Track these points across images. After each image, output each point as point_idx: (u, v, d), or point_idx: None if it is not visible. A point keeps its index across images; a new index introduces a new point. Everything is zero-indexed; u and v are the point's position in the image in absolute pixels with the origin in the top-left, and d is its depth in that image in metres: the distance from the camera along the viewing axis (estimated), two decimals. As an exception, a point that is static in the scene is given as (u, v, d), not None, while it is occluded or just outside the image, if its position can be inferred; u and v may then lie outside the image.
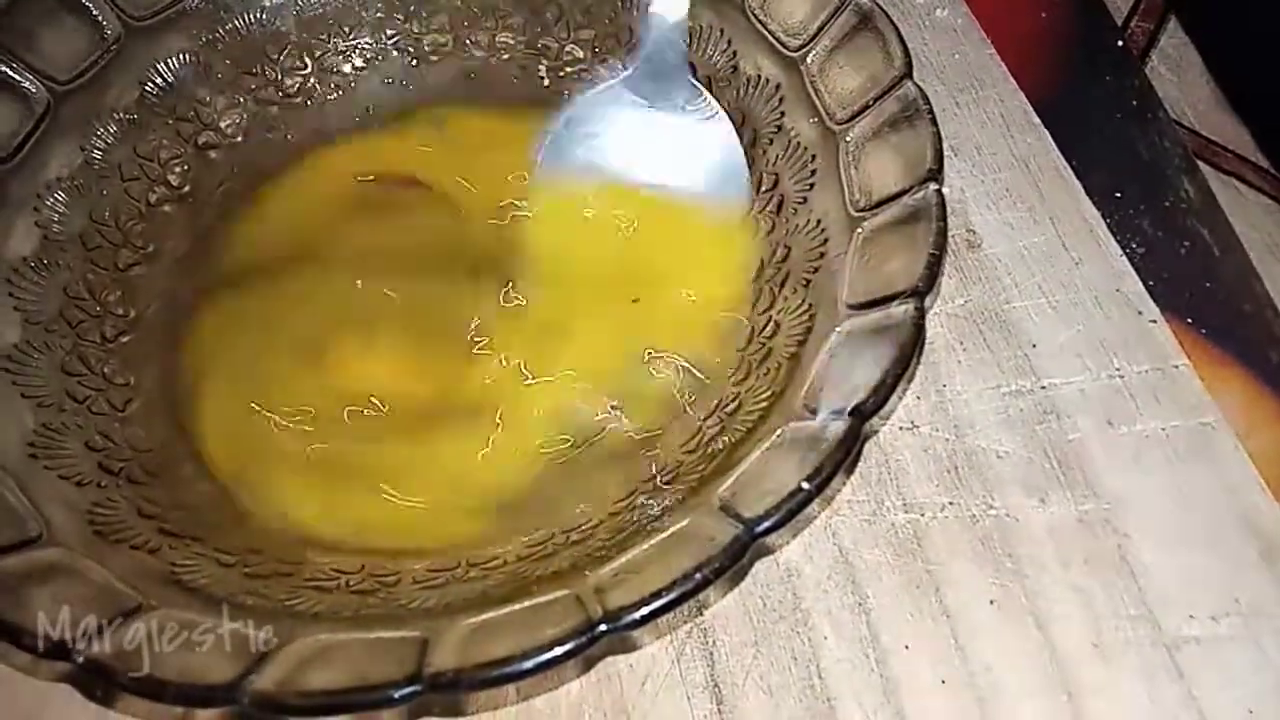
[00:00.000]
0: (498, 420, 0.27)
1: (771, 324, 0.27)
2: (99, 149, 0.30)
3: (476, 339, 0.29)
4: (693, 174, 0.31)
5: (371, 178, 0.32)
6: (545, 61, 0.34)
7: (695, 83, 0.31)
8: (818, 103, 0.28)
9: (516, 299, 0.30)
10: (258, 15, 0.33)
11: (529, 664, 0.18)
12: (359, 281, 0.30)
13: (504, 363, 0.28)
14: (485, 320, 0.29)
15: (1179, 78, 0.38)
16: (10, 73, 0.28)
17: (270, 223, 0.32)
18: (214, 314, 0.29)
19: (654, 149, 0.31)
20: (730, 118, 0.31)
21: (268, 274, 0.30)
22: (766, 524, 0.20)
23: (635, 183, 0.32)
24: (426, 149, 0.33)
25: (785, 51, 0.29)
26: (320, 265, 0.30)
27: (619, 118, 0.31)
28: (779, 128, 0.29)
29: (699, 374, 0.28)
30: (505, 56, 0.34)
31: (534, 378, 0.28)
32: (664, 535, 0.21)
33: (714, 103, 0.31)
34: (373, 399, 0.28)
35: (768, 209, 0.29)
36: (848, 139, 0.27)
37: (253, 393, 0.28)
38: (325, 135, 0.33)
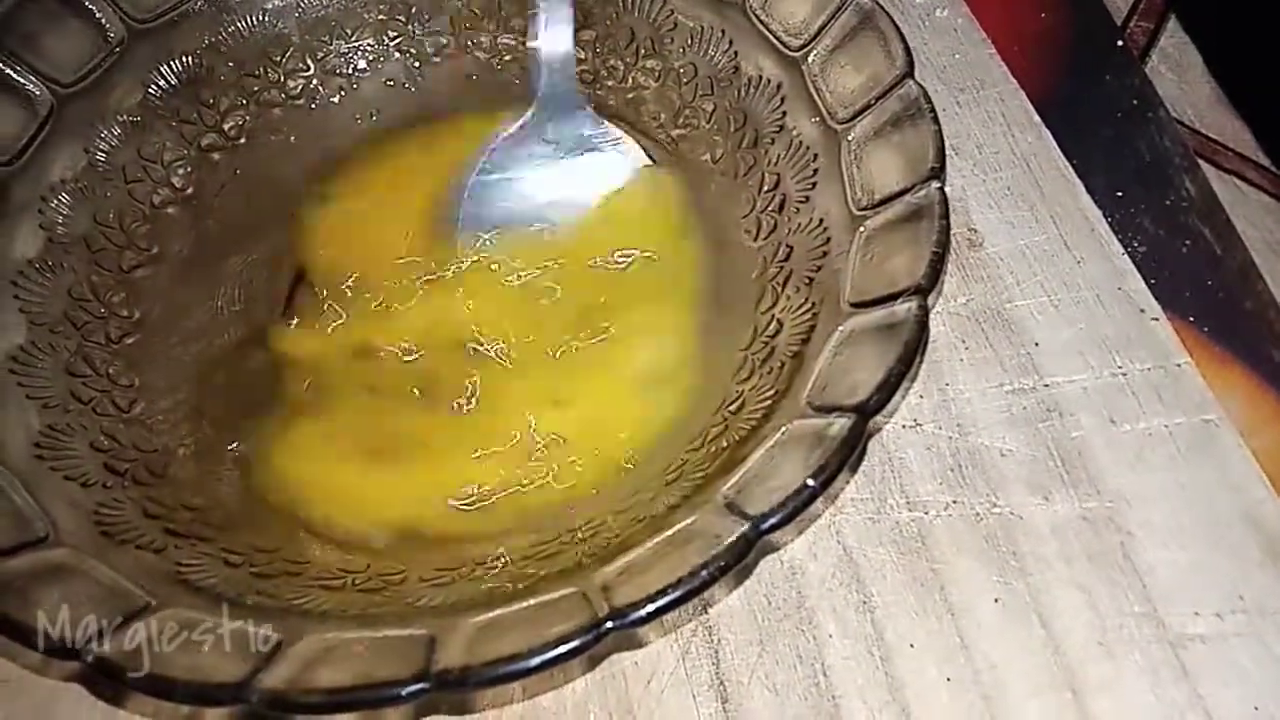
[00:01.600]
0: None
1: (775, 323, 0.27)
2: (103, 151, 0.30)
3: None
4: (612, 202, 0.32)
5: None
6: (547, 63, 0.34)
7: (592, 113, 0.32)
8: (819, 102, 0.28)
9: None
10: (260, 17, 0.33)
11: (535, 661, 0.18)
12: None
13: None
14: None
15: (1179, 77, 0.38)
16: (14, 75, 0.28)
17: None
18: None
19: (571, 189, 0.32)
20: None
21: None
22: (771, 521, 0.20)
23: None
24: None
25: (786, 51, 0.29)
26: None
27: (530, 166, 0.32)
28: (780, 127, 0.29)
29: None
30: (507, 58, 0.34)
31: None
32: (670, 533, 0.21)
33: (614, 130, 0.32)
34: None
35: (770, 208, 0.29)
36: (849, 138, 0.27)
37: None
38: (328, 137, 0.33)
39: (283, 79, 0.33)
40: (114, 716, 0.24)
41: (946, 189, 0.25)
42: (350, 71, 0.34)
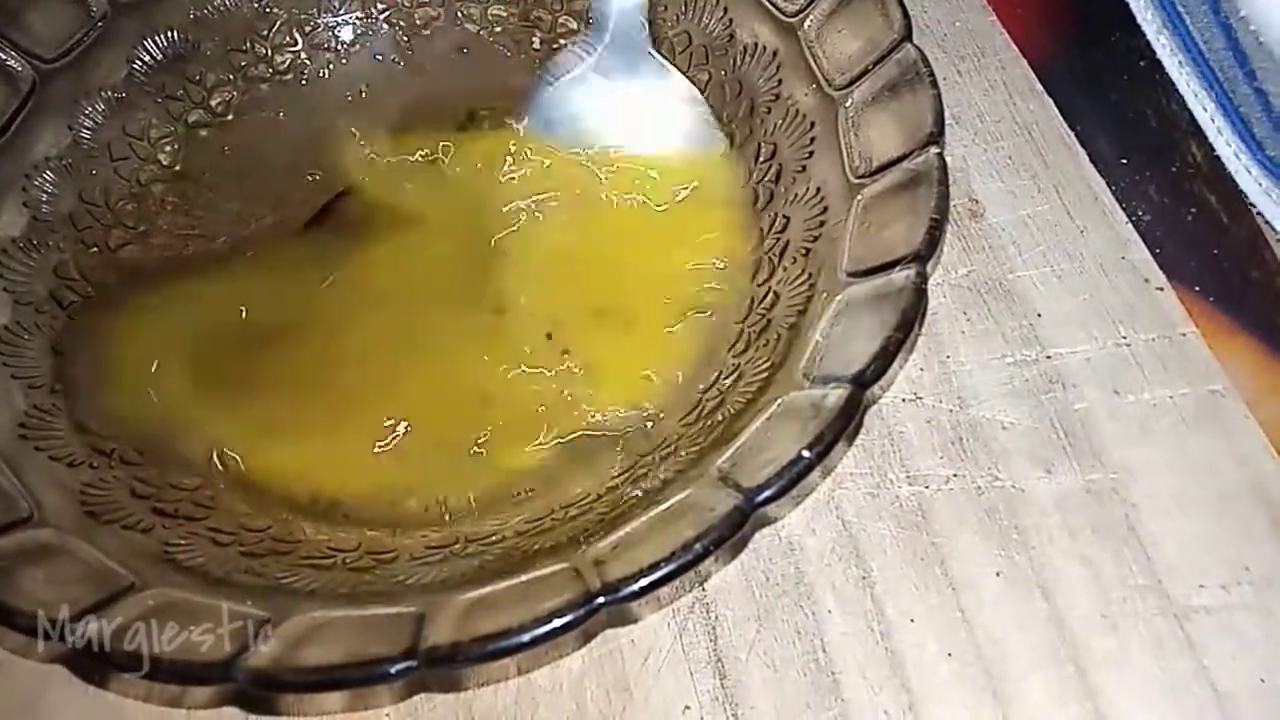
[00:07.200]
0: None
1: (771, 295, 0.26)
2: (87, 128, 0.29)
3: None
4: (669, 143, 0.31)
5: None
6: (538, 34, 0.33)
7: (659, 57, 0.31)
8: (815, 69, 0.28)
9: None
10: (246, -9, 0.32)
11: (527, 637, 0.18)
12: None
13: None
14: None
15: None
16: (-5, 51, 0.27)
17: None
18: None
19: (630, 126, 0.32)
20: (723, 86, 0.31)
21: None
22: (766, 493, 0.19)
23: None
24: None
25: (782, 17, 0.29)
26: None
27: (591, 101, 0.32)
28: (777, 96, 0.29)
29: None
30: (498, 29, 0.33)
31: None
32: (663, 507, 0.21)
33: (678, 74, 0.31)
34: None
35: (766, 179, 0.29)
36: (847, 105, 0.27)
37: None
38: (317, 113, 0.33)
39: (270, 54, 0.32)
40: (102, 698, 0.24)
41: (947, 157, 0.24)
42: (338, 46, 0.33)
